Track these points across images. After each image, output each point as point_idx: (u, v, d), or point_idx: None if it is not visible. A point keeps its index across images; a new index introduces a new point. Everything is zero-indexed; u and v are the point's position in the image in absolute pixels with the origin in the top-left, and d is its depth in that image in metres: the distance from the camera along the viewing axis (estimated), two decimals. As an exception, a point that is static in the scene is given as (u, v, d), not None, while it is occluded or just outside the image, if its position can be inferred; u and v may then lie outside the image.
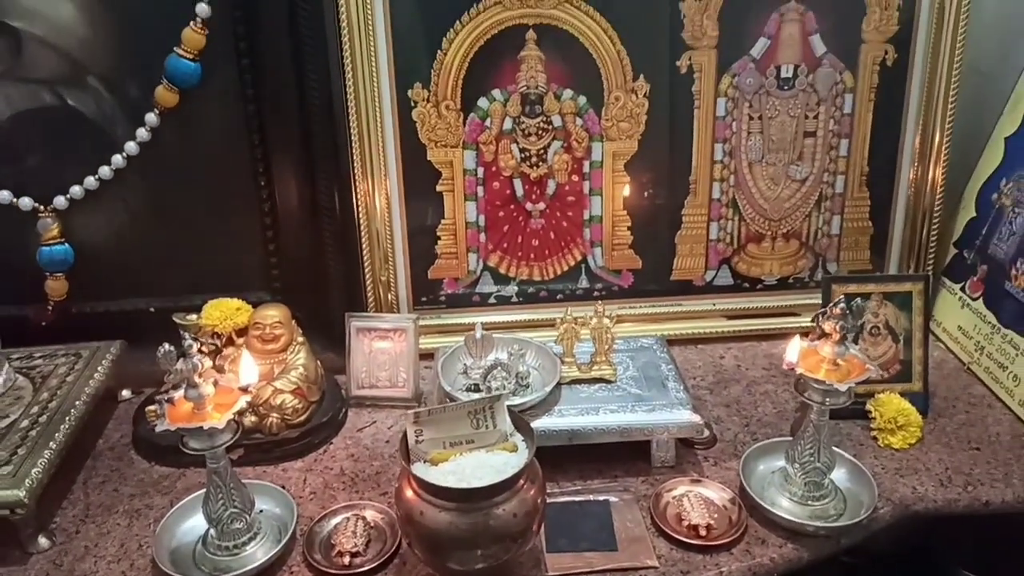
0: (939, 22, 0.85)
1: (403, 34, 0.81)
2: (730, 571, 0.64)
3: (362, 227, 0.88)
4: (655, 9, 0.83)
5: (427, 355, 0.86)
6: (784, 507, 0.68)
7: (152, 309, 0.87)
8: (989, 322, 0.86)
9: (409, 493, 0.59)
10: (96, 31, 0.77)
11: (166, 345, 0.60)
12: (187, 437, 0.61)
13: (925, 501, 0.71)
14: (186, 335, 0.62)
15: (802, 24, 0.85)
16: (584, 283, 0.92)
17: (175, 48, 0.76)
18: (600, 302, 0.78)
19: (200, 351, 0.60)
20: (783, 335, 0.92)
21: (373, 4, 0.80)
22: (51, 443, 0.70)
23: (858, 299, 0.64)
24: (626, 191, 0.89)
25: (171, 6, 0.76)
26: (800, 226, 0.92)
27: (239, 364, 0.64)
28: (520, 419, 0.62)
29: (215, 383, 0.62)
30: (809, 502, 0.69)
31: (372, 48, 0.81)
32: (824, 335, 0.64)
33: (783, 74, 0.86)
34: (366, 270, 0.89)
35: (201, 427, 0.59)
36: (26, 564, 0.66)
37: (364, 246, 0.88)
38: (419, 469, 0.59)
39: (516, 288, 0.92)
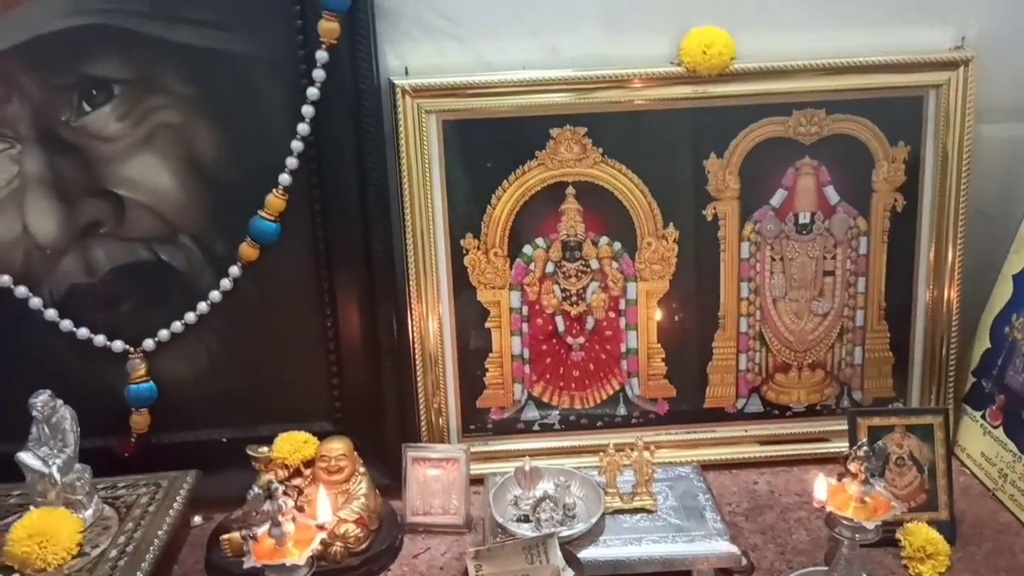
0: (943, 173, 0.93)
1: (456, 193, 0.92)
2: None
3: (417, 361, 0.95)
4: (681, 166, 0.93)
5: (476, 479, 0.92)
6: (822, 638, 0.73)
7: (225, 439, 0.94)
8: (1010, 450, 0.90)
9: (470, 626, 0.65)
10: (189, 197, 0.88)
11: (255, 488, 0.67)
12: (268, 571, 0.67)
13: (957, 635, 0.75)
14: (274, 482, 0.69)
15: (816, 177, 0.94)
16: (622, 411, 0.99)
17: (259, 211, 0.87)
18: (639, 434, 0.84)
19: (285, 494, 0.67)
20: (814, 460, 0.98)
21: (431, 169, 0.90)
22: (137, 573, 0.76)
23: (881, 441, 0.69)
24: (659, 326, 0.96)
25: (257, 176, 0.86)
26: (824, 357, 0.98)
27: (315, 503, 0.71)
28: (571, 554, 0.68)
29: (293, 519, 0.68)
30: (846, 633, 0.73)
31: (430, 206, 0.91)
32: (850, 474, 0.70)
33: (801, 220, 0.95)
34: (420, 400, 0.96)
35: (283, 563, 0.65)
36: None
37: (419, 378, 0.96)
38: (480, 604, 0.64)
39: (558, 415, 0.99)
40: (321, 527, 0.69)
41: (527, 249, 0.94)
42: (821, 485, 0.71)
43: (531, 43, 0.90)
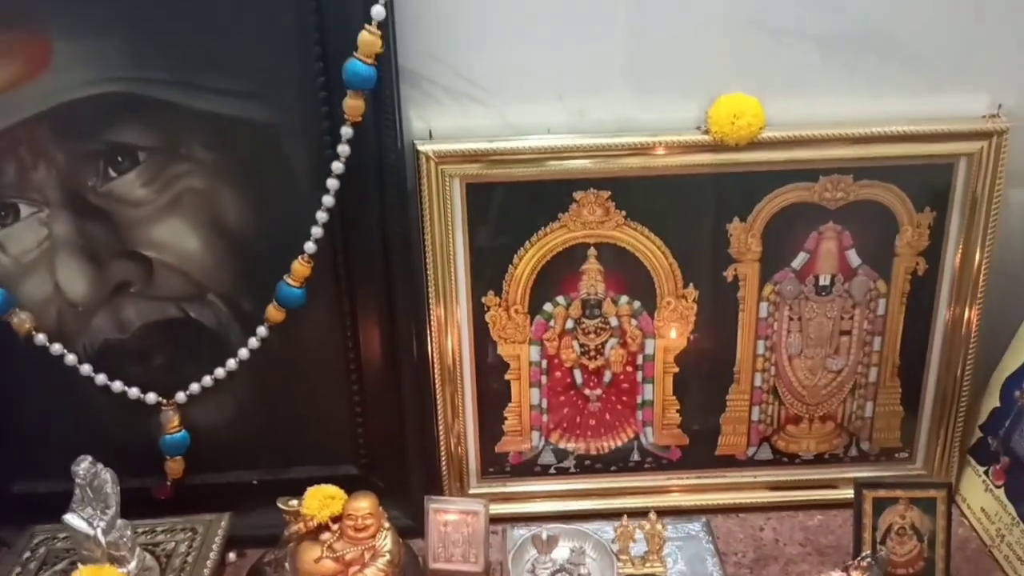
0: (967, 238, 0.93)
1: (479, 254, 0.92)
2: None
3: (439, 407, 0.98)
4: (704, 229, 0.93)
5: (496, 519, 0.97)
6: None
7: (255, 481, 0.99)
8: (1010, 513, 0.94)
9: None
10: (216, 259, 0.89)
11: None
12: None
13: None
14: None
15: (839, 241, 0.94)
16: (636, 456, 1.02)
17: (285, 276, 0.88)
18: (653, 512, 0.88)
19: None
20: (820, 506, 1.02)
21: (454, 231, 0.91)
22: (182, 627, 0.82)
23: (883, 552, 0.73)
24: (675, 379, 0.99)
25: (283, 239, 0.87)
26: (835, 410, 1.01)
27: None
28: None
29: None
30: None
31: (452, 268, 0.92)
32: (853, 576, 0.74)
33: (821, 282, 0.95)
34: (441, 445, 1.00)
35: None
36: None
37: (440, 424, 0.99)
38: None
39: (574, 460, 1.02)
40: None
41: (547, 307, 0.95)
42: (826, 585, 0.74)
43: (557, 106, 0.89)
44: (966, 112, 0.89)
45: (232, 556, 0.98)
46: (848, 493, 0.92)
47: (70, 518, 0.85)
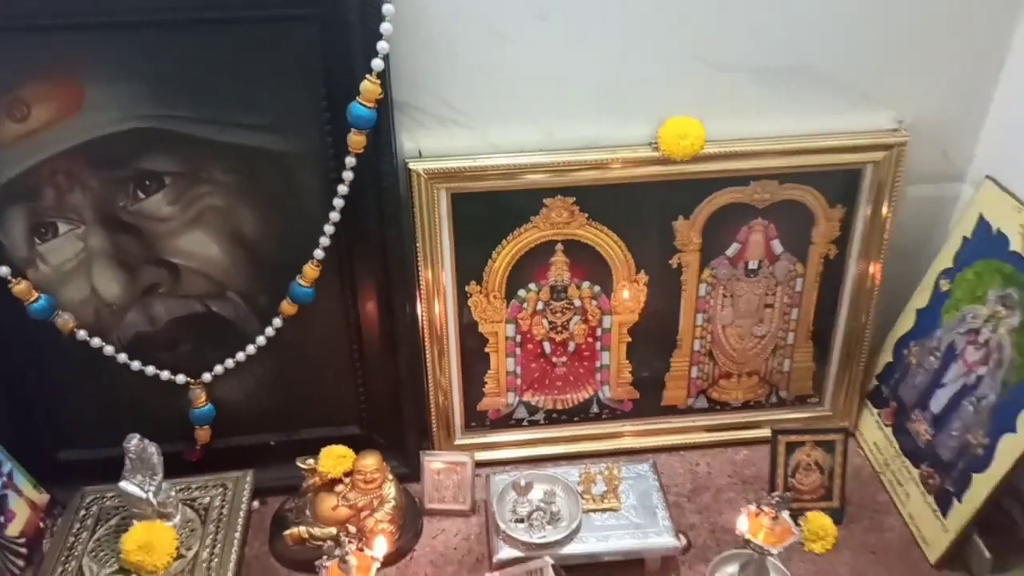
0: (871, 227, 1.11)
1: (463, 252, 1.07)
2: (697, 660, 0.98)
3: (428, 375, 1.15)
4: (653, 226, 1.09)
5: (481, 463, 1.16)
6: (736, 608, 1.01)
7: (272, 443, 1.16)
8: (894, 446, 1.16)
9: (489, 627, 0.91)
10: (235, 264, 1.03)
11: (336, 551, 0.89)
12: (339, 589, 0.91)
13: (831, 600, 1.04)
14: (343, 535, 0.91)
15: (765, 233, 1.11)
16: (595, 409, 1.22)
17: (297, 278, 1.02)
18: (609, 463, 1.08)
19: (349, 544, 0.90)
20: (745, 444, 1.23)
21: (441, 233, 1.05)
22: (228, 569, 1.00)
23: (788, 493, 0.94)
24: (627, 347, 1.17)
25: (294, 250, 1.01)
26: (760, 367, 1.21)
27: (374, 540, 0.94)
28: (560, 571, 0.93)
29: (360, 549, 0.92)
30: (753, 604, 1.01)
31: (440, 264, 1.07)
32: (764, 512, 0.95)
33: (750, 267, 1.13)
34: (431, 405, 1.18)
35: (352, 592, 0.89)
36: (225, 660, 0.98)
37: (429, 389, 1.16)
38: (498, 618, 0.90)
39: (543, 414, 1.21)
40: (375, 559, 0.92)
41: (521, 292, 1.12)
42: (743, 520, 0.96)
43: (530, 128, 1.02)
44: (873, 127, 1.06)
45: (256, 504, 1.16)
46: (768, 433, 1.13)
47: (125, 485, 1.01)
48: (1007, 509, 1.06)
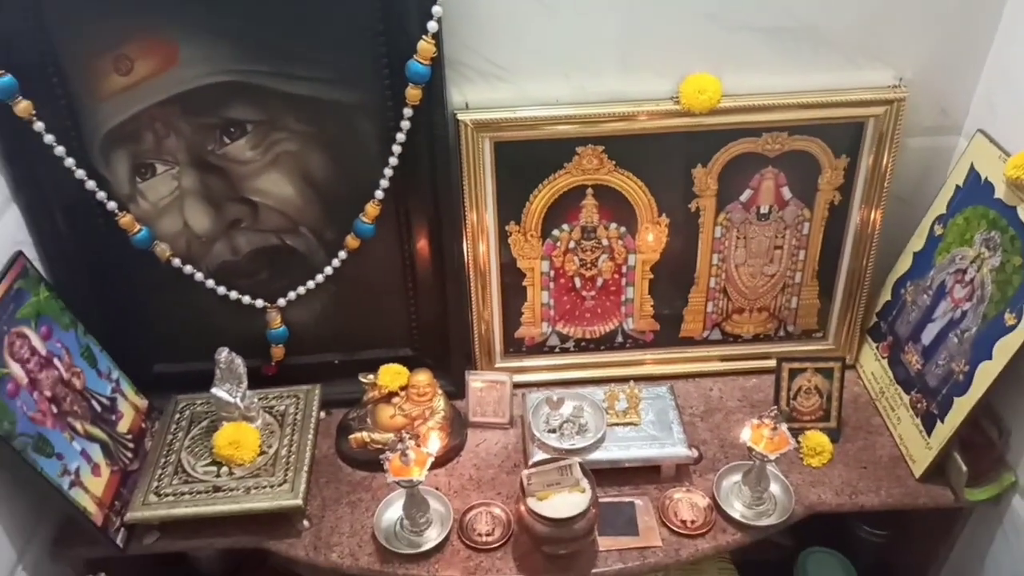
0: (872, 176, 1.22)
1: (504, 195, 1.21)
2: (703, 549, 1.12)
3: (473, 305, 1.31)
4: (674, 173, 1.22)
5: (517, 385, 1.31)
6: (738, 509, 1.15)
7: (336, 361, 1.32)
8: (889, 376, 1.29)
9: (524, 512, 1.06)
10: (306, 202, 1.18)
11: (399, 444, 1.05)
12: (400, 483, 1.08)
13: (825, 505, 1.17)
14: (405, 435, 1.08)
15: (775, 180, 1.23)
16: (619, 339, 1.36)
17: (360, 215, 1.17)
18: (632, 381, 1.22)
19: (410, 440, 1.06)
20: (755, 372, 1.37)
21: (485, 177, 1.19)
22: (304, 464, 1.17)
23: (787, 406, 1.08)
24: (650, 283, 1.31)
25: (357, 190, 1.16)
26: (770, 303, 1.34)
27: (428, 437, 1.11)
28: (586, 469, 1.08)
29: (418, 446, 1.08)
30: (754, 506, 1.15)
31: (483, 205, 1.21)
32: (765, 425, 1.09)
33: (761, 211, 1.26)
34: (475, 331, 1.33)
35: (412, 479, 1.06)
36: (299, 538, 1.15)
37: (474, 317, 1.31)
38: (531, 503, 1.06)
39: (573, 343, 1.36)
40: (430, 454, 1.09)
41: (555, 232, 1.26)
42: (747, 431, 1.10)
43: (563, 83, 1.15)
44: (874, 83, 1.17)
45: (322, 414, 1.33)
46: (772, 364, 1.27)
47: (216, 391, 1.18)
48: (986, 431, 1.19)
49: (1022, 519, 1.14)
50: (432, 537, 1.13)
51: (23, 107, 1.03)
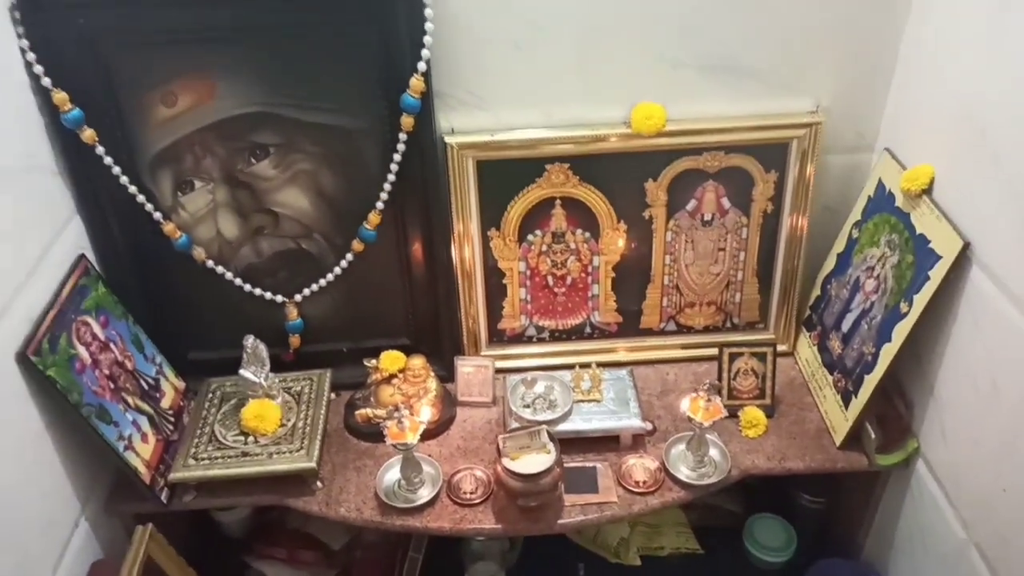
0: (798, 188, 1.43)
1: (485, 205, 1.43)
2: (651, 505, 1.33)
3: (460, 301, 1.52)
4: (630, 186, 1.43)
5: (500, 370, 1.53)
6: (684, 472, 1.35)
7: (344, 349, 1.54)
8: (818, 361, 1.50)
9: (500, 470, 1.28)
10: (319, 212, 1.40)
11: (395, 413, 1.27)
12: (397, 447, 1.29)
13: (757, 469, 1.38)
14: (400, 407, 1.29)
15: (716, 192, 1.44)
16: (588, 330, 1.57)
17: (363, 223, 1.39)
18: (594, 364, 1.44)
19: (405, 410, 1.28)
20: (705, 359, 1.57)
21: (469, 190, 1.40)
22: (317, 434, 1.38)
23: (719, 381, 1.29)
24: (612, 282, 1.52)
25: (361, 202, 1.38)
26: (717, 298, 1.55)
27: (421, 409, 1.32)
28: (552, 435, 1.29)
29: (411, 413, 1.30)
30: (697, 469, 1.36)
31: (468, 214, 1.43)
32: (701, 397, 1.30)
33: (705, 218, 1.47)
34: (463, 324, 1.54)
35: (406, 442, 1.27)
36: (314, 495, 1.36)
37: (462, 312, 1.53)
38: (506, 462, 1.27)
39: (548, 332, 1.57)
40: (422, 422, 1.30)
41: (530, 237, 1.47)
42: (686, 403, 1.31)
43: (534, 110, 1.37)
44: (796, 110, 1.38)
45: (333, 395, 1.54)
46: (715, 351, 1.48)
47: (244, 372, 1.39)
48: (895, 405, 1.39)
49: (923, 479, 1.35)
50: (425, 495, 1.34)
51: (88, 135, 1.26)
